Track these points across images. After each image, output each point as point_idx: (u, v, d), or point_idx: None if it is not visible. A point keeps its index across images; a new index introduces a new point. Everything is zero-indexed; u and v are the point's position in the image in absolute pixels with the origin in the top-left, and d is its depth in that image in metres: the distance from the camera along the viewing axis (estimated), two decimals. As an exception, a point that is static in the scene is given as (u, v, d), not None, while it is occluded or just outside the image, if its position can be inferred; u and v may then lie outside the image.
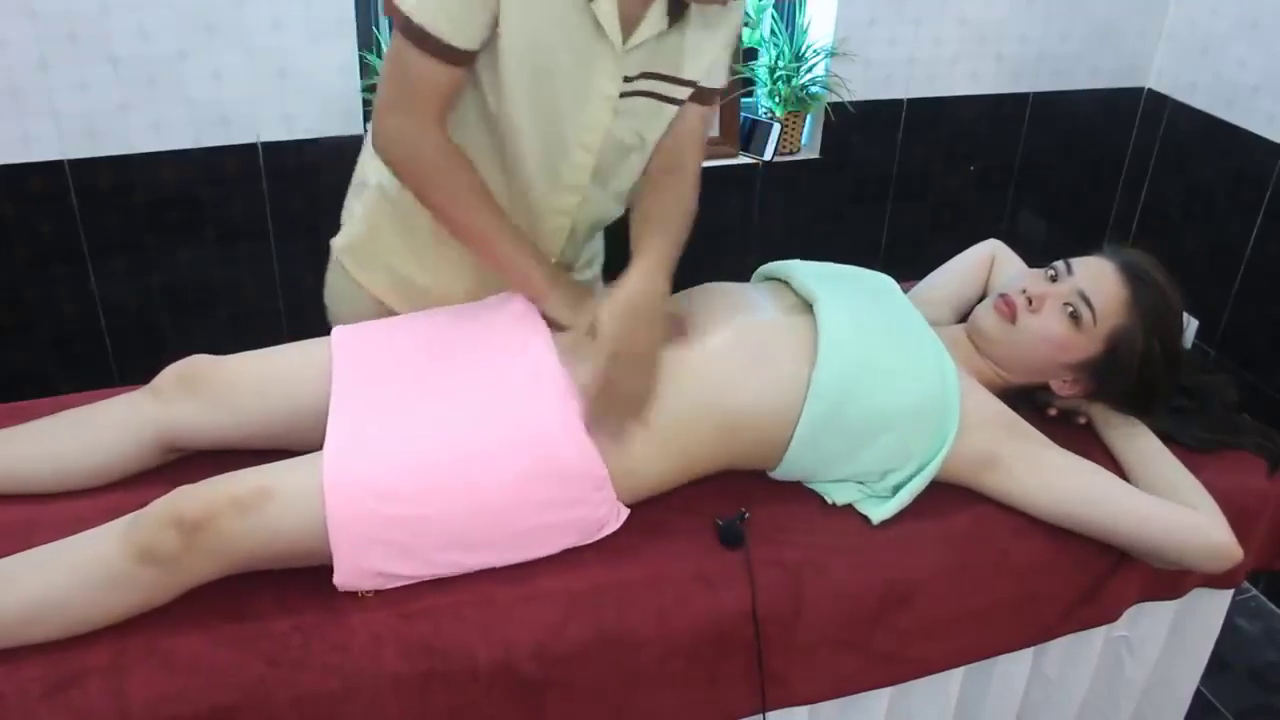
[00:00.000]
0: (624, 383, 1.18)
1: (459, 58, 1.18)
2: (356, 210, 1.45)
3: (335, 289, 1.50)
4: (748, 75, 2.25)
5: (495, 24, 1.17)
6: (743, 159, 2.31)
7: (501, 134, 1.28)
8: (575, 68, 1.22)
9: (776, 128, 2.28)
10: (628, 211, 1.40)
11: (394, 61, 1.20)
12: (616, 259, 1.35)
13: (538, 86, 1.23)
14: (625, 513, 1.20)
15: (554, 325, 1.27)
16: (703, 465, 1.25)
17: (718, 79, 1.36)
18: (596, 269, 1.59)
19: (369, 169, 1.42)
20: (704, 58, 1.29)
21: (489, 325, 1.28)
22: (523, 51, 1.19)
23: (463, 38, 1.17)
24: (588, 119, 1.27)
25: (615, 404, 1.18)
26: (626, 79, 1.25)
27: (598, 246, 1.58)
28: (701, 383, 1.22)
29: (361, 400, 1.19)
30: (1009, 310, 1.35)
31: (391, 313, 1.42)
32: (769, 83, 2.28)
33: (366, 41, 2.01)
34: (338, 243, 1.47)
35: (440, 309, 1.40)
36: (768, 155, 2.29)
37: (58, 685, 1.00)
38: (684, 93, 1.32)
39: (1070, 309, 1.33)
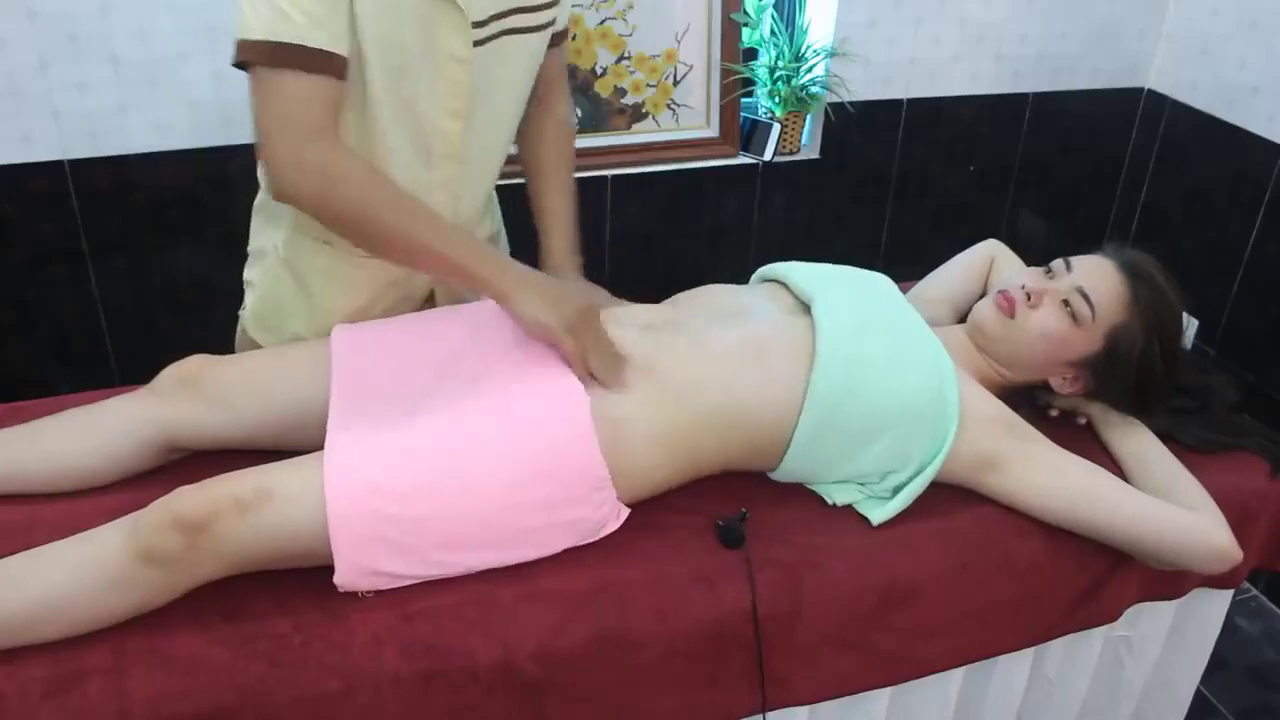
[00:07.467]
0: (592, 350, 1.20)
1: (335, 65, 1.13)
2: (254, 279, 1.44)
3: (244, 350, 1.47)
4: (748, 75, 2.25)
5: (353, 28, 1.14)
6: (743, 159, 2.31)
7: (368, 137, 1.24)
8: (423, 43, 1.19)
9: (776, 128, 2.28)
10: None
11: (269, 100, 1.13)
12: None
13: (398, 82, 1.20)
14: (625, 513, 1.20)
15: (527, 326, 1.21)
16: (703, 467, 1.25)
17: (566, 17, 1.39)
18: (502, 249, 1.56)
19: (262, 236, 1.41)
20: None
21: (489, 322, 1.27)
22: (380, 51, 1.16)
23: (336, 42, 1.13)
24: (446, 85, 1.24)
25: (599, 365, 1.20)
26: (478, 25, 1.22)
27: (496, 225, 1.54)
28: (701, 385, 1.22)
29: (362, 399, 1.20)
30: (1008, 305, 1.36)
31: None
32: (769, 83, 2.28)
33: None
34: (245, 314, 1.46)
35: (440, 308, 1.41)
36: (768, 155, 2.29)
37: (58, 685, 1.00)
38: (544, 18, 1.30)
39: (1069, 305, 1.33)
